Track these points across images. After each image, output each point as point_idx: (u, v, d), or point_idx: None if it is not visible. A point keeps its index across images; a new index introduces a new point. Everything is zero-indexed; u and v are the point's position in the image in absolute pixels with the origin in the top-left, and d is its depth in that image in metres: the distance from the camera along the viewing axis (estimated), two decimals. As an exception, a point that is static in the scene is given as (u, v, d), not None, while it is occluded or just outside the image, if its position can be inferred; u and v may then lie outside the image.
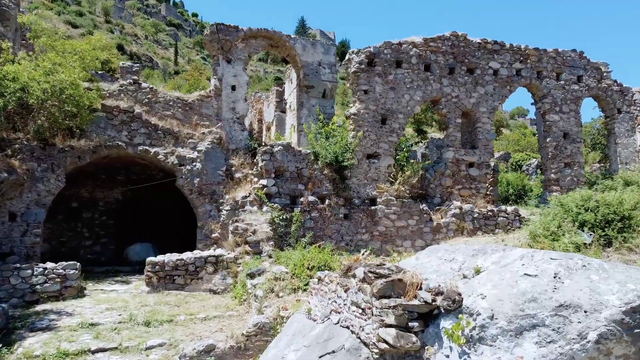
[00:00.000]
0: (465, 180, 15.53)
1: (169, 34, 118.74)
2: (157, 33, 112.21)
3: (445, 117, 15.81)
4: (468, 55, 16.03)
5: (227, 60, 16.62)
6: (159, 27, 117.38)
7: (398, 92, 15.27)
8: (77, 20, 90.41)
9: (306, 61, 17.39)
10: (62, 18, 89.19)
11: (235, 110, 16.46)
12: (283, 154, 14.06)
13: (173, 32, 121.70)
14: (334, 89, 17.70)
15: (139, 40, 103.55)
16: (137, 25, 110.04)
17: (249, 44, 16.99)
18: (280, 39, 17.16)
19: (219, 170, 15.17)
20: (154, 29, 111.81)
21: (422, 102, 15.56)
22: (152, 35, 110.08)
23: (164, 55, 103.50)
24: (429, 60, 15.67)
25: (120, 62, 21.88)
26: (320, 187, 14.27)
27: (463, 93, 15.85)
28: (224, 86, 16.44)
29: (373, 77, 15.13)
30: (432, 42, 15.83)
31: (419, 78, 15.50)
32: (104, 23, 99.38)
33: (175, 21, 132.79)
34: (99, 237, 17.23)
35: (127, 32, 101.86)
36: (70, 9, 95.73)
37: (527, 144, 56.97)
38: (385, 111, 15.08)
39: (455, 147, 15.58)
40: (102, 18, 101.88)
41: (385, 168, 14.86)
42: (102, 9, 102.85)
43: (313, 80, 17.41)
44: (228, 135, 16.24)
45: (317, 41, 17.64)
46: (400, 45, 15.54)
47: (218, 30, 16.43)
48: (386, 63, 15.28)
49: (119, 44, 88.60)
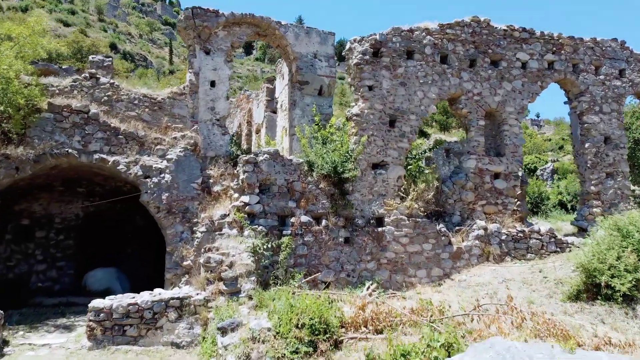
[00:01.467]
0: (490, 195, 12.80)
1: (164, 32, 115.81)
2: (151, 32, 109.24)
3: (465, 118, 13.07)
4: (492, 45, 13.29)
5: (205, 51, 13.85)
6: (154, 25, 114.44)
7: (409, 89, 12.53)
8: (69, 19, 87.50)
9: (299, 52, 14.63)
10: (53, 16, 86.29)
11: (214, 111, 13.70)
12: (269, 164, 11.31)
13: (168, 31, 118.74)
14: (332, 85, 14.95)
15: (133, 39, 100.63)
16: (131, 24, 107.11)
17: (232, 32, 14.23)
18: (268, 25, 14.39)
19: (193, 182, 12.41)
20: (148, 27, 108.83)
21: (438, 100, 12.82)
22: (147, 34, 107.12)
23: (159, 54, 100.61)
24: (445, 50, 12.93)
25: (90, 56, 19.08)
26: (316, 204, 11.53)
27: (486, 89, 13.11)
28: (201, 82, 13.68)
29: (379, 71, 12.39)
30: (450, 28, 13.10)
31: (434, 71, 12.77)
32: (97, 21, 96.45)
33: (171, 20, 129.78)
34: (55, 260, 14.44)
35: (121, 30, 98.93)
36: (62, 7, 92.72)
37: (534, 145, 53.90)
38: (394, 111, 12.34)
39: (478, 154, 12.84)
40: (95, 16, 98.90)
41: (395, 180, 12.12)
42: (96, 7, 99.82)
43: (307, 75, 14.65)
44: (205, 140, 13.48)
45: (313, 29, 14.88)
46: (411, 32, 12.80)
47: (194, 15, 13.66)
48: (395, 53, 12.53)
49: (112, 42, 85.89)
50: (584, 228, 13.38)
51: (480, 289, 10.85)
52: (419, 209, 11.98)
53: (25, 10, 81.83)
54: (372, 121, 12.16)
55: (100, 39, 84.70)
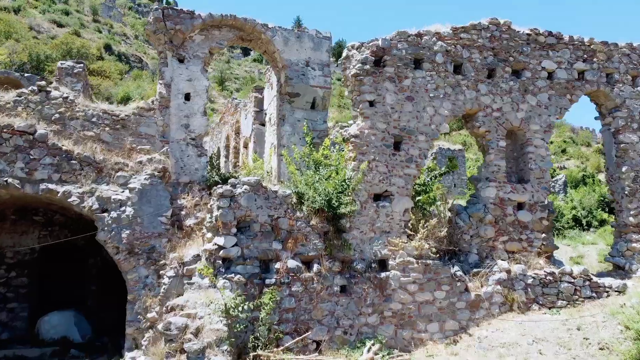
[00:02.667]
0: (513, 229, 10.75)
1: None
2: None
3: (483, 138, 11.03)
4: (513, 52, 11.24)
5: (178, 59, 11.79)
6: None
7: (418, 104, 10.49)
8: (62, 19, 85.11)
9: (289, 60, 12.56)
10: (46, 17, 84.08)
11: (189, 129, 11.63)
12: (249, 197, 9.26)
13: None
14: (327, 98, 12.89)
15: (128, 39, 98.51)
16: (127, 24, 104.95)
17: (210, 36, 12.16)
18: (253, 28, 12.33)
19: (161, 215, 10.35)
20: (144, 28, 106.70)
21: (451, 118, 10.78)
22: (143, 35, 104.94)
23: (155, 55, 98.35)
24: (460, 58, 10.89)
25: (59, 62, 17.01)
26: (306, 245, 9.48)
27: (508, 104, 11.07)
28: (173, 94, 11.62)
29: (382, 83, 10.35)
30: (464, 32, 11.05)
31: (447, 83, 10.73)
32: (91, 22, 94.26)
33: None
34: (5, 301, 12.37)
35: (116, 31, 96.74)
36: (55, 7, 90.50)
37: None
38: (399, 131, 10.30)
39: (499, 181, 10.80)
40: (90, 17, 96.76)
41: (400, 214, 10.07)
42: (90, 8, 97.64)
43: (298, 86, 12.59)
44: (178, 163, 11.42)
45: (305, 33, 12.82)
46: (419, 36, 10.74)
47: (165, 16, 11.59)
48: (400, 62, 10.48)
49: (107, 44, 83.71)
50: (621, 266, 11.36)
51: (506, 351, 8.82)
52: (431, 249, 9.94)
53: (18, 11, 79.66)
54: (374, 143, 10.12)
55: (95, 39, 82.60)
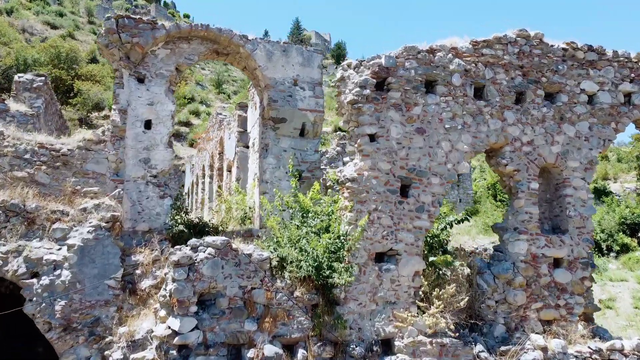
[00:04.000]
0: (548, 293, 8.56)
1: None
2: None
3: (510, 178, 8.84)
4: (546, 71, 9.05)
5: (137, 78, 9.59)
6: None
7: (430, 138, 8.31)
8: (57, 21, 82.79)
9: (273, 78, 10.35)
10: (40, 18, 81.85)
11: (149, 164, 9.43)
12: (215, 264, 7.08)
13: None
14: (318, 123, 10.68)
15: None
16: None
17: (178, 50, 9.96)
18: (229, 41, 10.11)
19: (108, 278, 8.17)
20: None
21: (472, 154, 8.59)
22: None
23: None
24: (481, 80, 8.70)
25: (17, 75, 14.80)
26: (288, 324, 7.30)
27: (540, 136, 8.88)
28: (130, 122, 9.42)
29: (386, 111, 8.16)
30: (487, 47, 8.85)
31: (466, 111, 8.54)
32: (86, 24, 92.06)
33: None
34: None
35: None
36: (49, 9, 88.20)
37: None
38: (407, 172, 8.12)
39: (531, 232, 8.62)
40: (85, 18, 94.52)
41: (409, 279, 7.89)
42: (85, 9, 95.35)
43: (284, 110, 10.38)
44: (134, 207, 9.23)
45: (291, 46, 10.60)
46: (432, 53, 8.55)
47: (119, 27, 9.38)
48: (409, 85, 8.29)
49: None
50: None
51: None
52: (449, 325, 7.76)
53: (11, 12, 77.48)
54: (376, 188, 7.93)
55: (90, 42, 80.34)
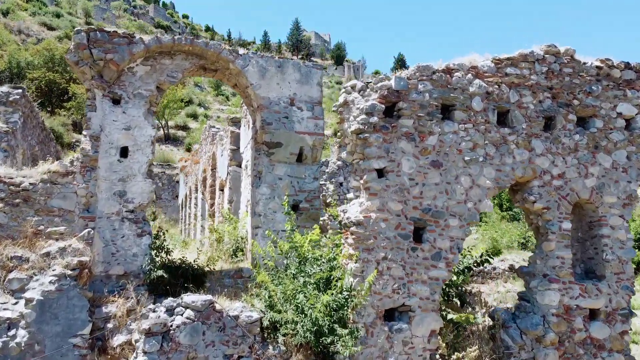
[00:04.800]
0: (583, 351, 7.38)
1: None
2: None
3: (539, 217, 7.65)
4: (579, 92, 7.87)
5: (112, 99, 8.39)
6: (146, 29, 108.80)
7: (448, 172, 7.12)
8: (53, 22, 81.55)
9: (266, 98, 9.16)
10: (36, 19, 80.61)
11: (125, 197, 8.24)
12: (194, 330, 5.89)
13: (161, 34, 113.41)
14: (317, 147, 9.48)
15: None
16: (120, 27, 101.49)
17: (159, 66, 8.76)
18: (217, 56, 8.90)
19: (73, 336, 6.99)
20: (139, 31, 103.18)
21: (496, 191, 7.41)
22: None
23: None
24: (506, 103, 7.51)
25: (-9, 87, 13.57)
26: (282, 399, 6.13)
27: (573, 168, 7.69)
28: (103, 150, 8.22)
29: (396, 142, 6.98)
30: (511, 66, 7.65)
31: (489, 140, 7.36)
32: (84, 25, 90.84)
33: (164, 23, 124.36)
34: None
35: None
36: (46, 10, 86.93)
37: None
38: (421, 213, 6.94)
39: (564, 281, 7.44)
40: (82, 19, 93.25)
41: (425, 340, 6.71)
42: (83, 10, 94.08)
43: (279, 133, 9.18)
44: (107, 247, 8.03)
45: (287, 61, 9.39)
46: (449, 73, 7.36)
47: (91, 42, 8.17)
48: (422, 111, 7.10)
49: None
50: None
51: None
52: (469, 396, 6.59)
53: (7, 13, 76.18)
54: (385, 233, 6.75)
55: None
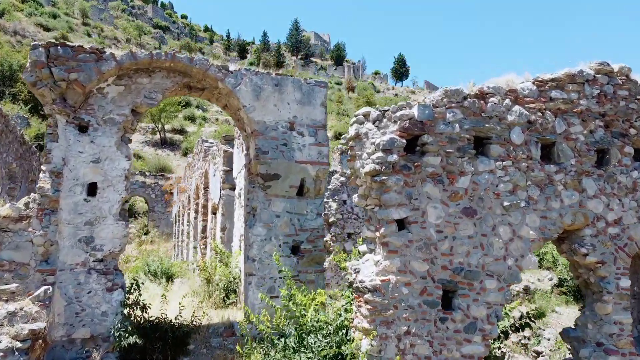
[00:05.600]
0: None
1: (154, 36, 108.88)
2: (140, 36, 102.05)
3: (591, 271, 6.31)
4: (636, 119, 6.51)
5: (78, 127, 7.03)
6: (144, 29, 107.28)
7: (483, 222, 5.76)
8: (50, 23, 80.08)
9: (262, 122, 7.79)
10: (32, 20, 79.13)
11: (92, 244, 6.87)
12: None
13: (159, 35, 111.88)
14: (322, 178, 8.10)
15: (119, 44, 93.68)
16: (118, 27, 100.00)
17: (135, 86, 7.39)
18: (203, 73, 7.53)
19: None
20: (137, 31, 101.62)
21: (541, 242, 6.04)
22: (135, 39, 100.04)
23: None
24: (550, 134, 6.15)
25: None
26: None
27: (631, 212, 6.33)
28: (67, 188, 6.86)
29: (420, 185, 5.63)
30: (556, 88, 6.28)
31: (532, 179, 6.00)
32: (81, 25, 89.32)
33: (163, 23, 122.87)
34: None
35: (107, 35, 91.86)
36: (42, 10, 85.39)
37: None
38: (451, 274, 5.58)
39: (623, 351, 6.08)
40: (80, 20, 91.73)
41: None
42: (80, 11, 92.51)
43: (277, 163, 7.82)
44: (70, 306, 6.67)
45: (286, 78, 8.01)
46: (482, 98, 6.00)
47: (51, 59, 6.80)
48: (452, 146, 5.74)
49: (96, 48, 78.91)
50: None
51: None
52: None
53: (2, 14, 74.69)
54: (407, 300, 5.39)
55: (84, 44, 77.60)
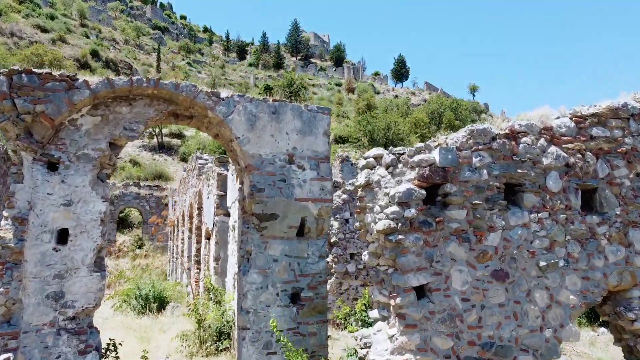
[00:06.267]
0: None
1: (153, 37, 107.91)
2: (139, 37, 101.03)
3: (637, 338, 5.43)
4: (689, 159, 5.63)
5: (47, 164, 6.13)
6: (143, 30, 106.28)
7: (516, 286, 4.85)
8: (47, 24, 79.13)
9: (257, 155, 6.89)
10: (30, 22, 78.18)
11: (62, 301, 5.97)
12: None
13: (158, 36, 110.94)
14: (324, 217, 7.19)
15: (117, 45, 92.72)
16: (117, 28, 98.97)
17: (112, 116, 6.48)
18: (191, 101, 6.63)
19: None
20: (135, 32, 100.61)
21: (582, 308, 5.12)
22: (134, 39, 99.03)
23: (146, 61, 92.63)
24: (592, 179, 5.25)
25: None
26: None
27: (685, 268, 5.46)
28: (33, 235, 5.95)
29: (443, 244, 4.73)
30: (598, 125, 5.39)
31: (572, 234, 5.09)
32: (78, 27, 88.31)
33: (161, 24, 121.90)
34: None
35: (105, 36, 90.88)
36: (40, 12, 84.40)
37: None
38: (480, 350, 4.67)
39: None
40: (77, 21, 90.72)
41: None
42: (78, 12, 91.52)
43: (274, 201, 6.91)
44: (35, 378, 5.79)
45: (285, 105, 7.10)
46: (513, 138, 5.09)
47: (14, 88, 5.89)
48: (479, 196, 4.85)
49: (94, 50, 77.98)
50: None
51: None
52: None
53: (-1, 15, 73.60)
54: (428, 384, 4.50)
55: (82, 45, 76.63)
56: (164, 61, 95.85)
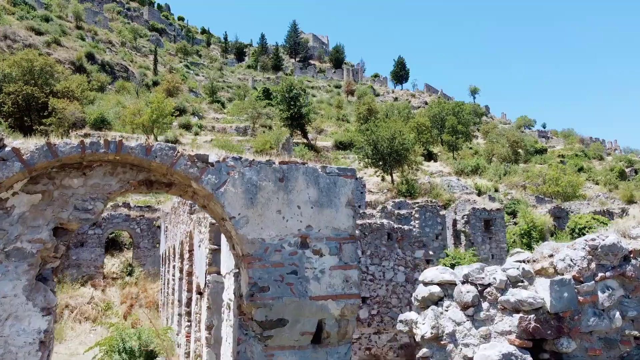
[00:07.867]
0: None
1: (150, 39, 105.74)
2: (136, 39, 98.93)
3: None
4: None
5: (-39, 267, 4.30)
6: (140, 32, 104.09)
7: None
8: (42, 26, 76.99)
9: (258, 241, 5.07)
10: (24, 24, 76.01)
11: None
12: None
13: (155, 38, 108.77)
14: (347, 317, 5.39)
15: (113, 47, 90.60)
16: (113, 30, 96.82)
17: (58, 192, 4.64)
18: (167, 169, 4.80)
19: None
20: (132, 34, 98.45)
21: None
22: (130, 42, 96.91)
23: (142, 63, 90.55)
24: None
25: None
26: None
27: None
28: (-62, 374, 4.14)
29: None
30: None
31: None
32: (74, 29, 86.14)
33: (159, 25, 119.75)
34: None
35: (100, 38, 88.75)
36: (34, 14, 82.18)
37: (569, 185, 41.61)
38: None
39: None
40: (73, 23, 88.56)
41: None
42: (73, 14, 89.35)
43: (282, 303, 5.07)
44: None
45: (295, 168, 5.28)
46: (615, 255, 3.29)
47: None
48: (609, 352, 3.07)
49: (89, 52, 75.94)
50: None
51: None
52: None
53: (-8, 18, 71.46)
54: None
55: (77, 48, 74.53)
56: (161, 63, 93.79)
